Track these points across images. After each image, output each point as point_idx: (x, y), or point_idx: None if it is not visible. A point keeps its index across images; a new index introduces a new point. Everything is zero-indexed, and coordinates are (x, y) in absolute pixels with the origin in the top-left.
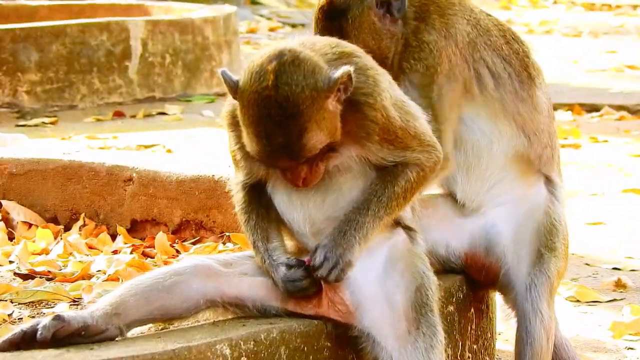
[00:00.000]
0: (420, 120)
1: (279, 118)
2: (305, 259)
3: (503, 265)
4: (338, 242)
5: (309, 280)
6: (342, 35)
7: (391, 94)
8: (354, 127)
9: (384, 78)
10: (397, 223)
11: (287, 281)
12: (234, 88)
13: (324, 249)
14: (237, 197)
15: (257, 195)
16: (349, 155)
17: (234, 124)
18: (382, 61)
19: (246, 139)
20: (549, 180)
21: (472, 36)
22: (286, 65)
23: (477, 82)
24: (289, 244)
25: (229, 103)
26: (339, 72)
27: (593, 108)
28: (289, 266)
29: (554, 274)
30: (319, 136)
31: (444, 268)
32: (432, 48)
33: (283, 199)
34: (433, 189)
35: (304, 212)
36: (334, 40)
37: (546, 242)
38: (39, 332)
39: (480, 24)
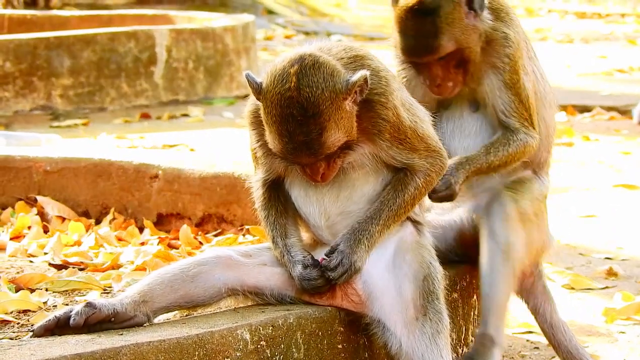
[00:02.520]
0: (427, 123)
1: (301, 117)
2: (320, 258)
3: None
4: (353, 250)
5: (324, 279)
6: (435, 31)
7: (401, 96)
8: (368, 124)
9: (395, 80)
10: (406, 218)
11: (303, 279)
12: (258, 89)
13: (340, 254)
14: (257, 194)
15: (276, 192)
16: (362, 152)
17: (256, 123)
18: (467, 56)
19: (269, 136)
20: (535, 172)
21: (525, 37)
22: (307, 68)
23: (535, 79)
24: (305, 236)
25: (251, 103)
26: (356, 77)
27: (585, 109)
28: (305, 265)
29: (509, 204)
30: (337, 134)
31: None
32: (513, 40)
33: (300, 195)
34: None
35: (319, 206)
36: (347, 44)
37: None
38: (72, 319)
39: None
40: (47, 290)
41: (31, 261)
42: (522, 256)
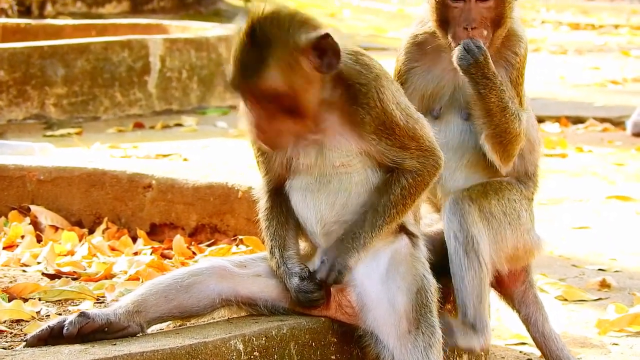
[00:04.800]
0: (421, 124)
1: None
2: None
3: None
4: (337, 249)
5: (320, 293)
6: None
7: (394, 95)
8: (353, 114)
9: (390, 81)
10: (401, 229)
11: (300, 292)
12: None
13: (323, 253)
14: (261, 203)
15: (278, 201)
16: (350, 148)
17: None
18: (500, 20)
19: None
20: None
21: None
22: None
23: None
24: (303, 244)
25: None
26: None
27: (578, 120)
28: (302, 278)
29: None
30: (277, 78)
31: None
32: (525, 43)
33: (299, 199)
34: None
35: (316, 213)
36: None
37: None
38: (65, 329)
39: None
40: (40, 299)
41: (24, 270)
42: (488, 250)
